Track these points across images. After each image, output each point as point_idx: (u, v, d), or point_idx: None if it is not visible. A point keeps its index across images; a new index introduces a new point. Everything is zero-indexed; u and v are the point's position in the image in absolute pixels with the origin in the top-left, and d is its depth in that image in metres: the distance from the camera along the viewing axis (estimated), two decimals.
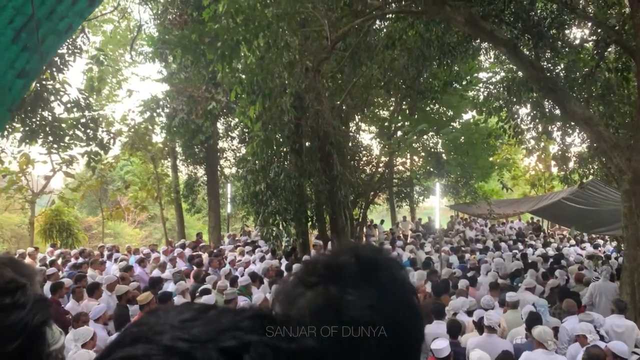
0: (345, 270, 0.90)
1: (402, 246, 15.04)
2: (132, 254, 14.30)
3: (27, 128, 11.51)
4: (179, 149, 20.11)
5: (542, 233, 21.49)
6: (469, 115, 17.50)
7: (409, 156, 19.97)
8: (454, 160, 13.94)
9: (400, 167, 20.61)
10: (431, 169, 14.58)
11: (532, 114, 13.24)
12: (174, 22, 14.92)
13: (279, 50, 10.93)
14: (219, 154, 20.58)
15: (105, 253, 14.38)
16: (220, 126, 19.41)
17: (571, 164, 13.59)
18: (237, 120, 16.29)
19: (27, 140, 11.53)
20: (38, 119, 11.59)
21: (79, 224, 22.10)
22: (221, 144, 20.65)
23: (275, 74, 11.41)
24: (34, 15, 3.18)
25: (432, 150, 15.64)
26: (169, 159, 21.59)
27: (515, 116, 13.18)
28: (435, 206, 14.47)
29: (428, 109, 16.71)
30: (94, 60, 13.42)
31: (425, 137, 16.77)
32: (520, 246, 16.65)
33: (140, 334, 0.52)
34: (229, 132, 19.88)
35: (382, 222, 21.03)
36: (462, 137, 13.76)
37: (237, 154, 20.10)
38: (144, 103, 17.45)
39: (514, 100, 12.28)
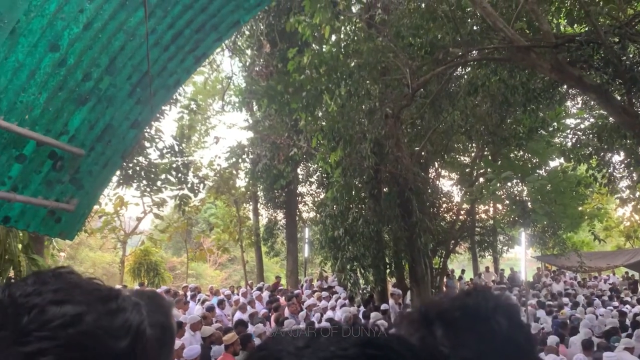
0: (447, 316, 0.91)
1: None
2: (214, 295, 14.69)
3: (123, 172, 12.41)
4: (260, 193, 20.73)
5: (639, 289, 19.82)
6: (556, 163, 16.82)
7: (491, 204, 19.34)
8: (541, 209, 13.35)
9: (483, 215, 19.95)
10: (516, 218, 14.05)
11: (625, 161, 12.52)
12: (260, 73, 15.74)
13: (360, 99, 11.21)
14: (298, 198, 20.98)
15: (189, 293, 14.85)
16: (299, 171, 19.89)
17: None
18: (316, 165, 16.66)
19: (124, 184, 12.39)
20: (134, 163, 12.49)
21: (164, 264, 23.11)
22: (300, 189, 21.08)
23: (355, 121, 11.66)
24: (149, 72, 3.54)
25: (517, 198, 15.08)
26: (250, 203, 22.28)
27: (608, 164, 12.52)
28: (521, 257, 13.87)
29: (512, 155, 16.25)
30: (187, 109, 14.35)
31: (509, 184, 16.25)
32: (615, 302, 15.42)
33: (262, 358, 0.60)
34: (309, 177, 20.29)
35: (463, 272, 20.32)
36: (549, 185, 13.21)
37: (316, 199, 20.40)
38: (230, 149, 18.32)
39: (605, 147, 11.70)
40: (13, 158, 3.69)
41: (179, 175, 12.45)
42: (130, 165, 12.46)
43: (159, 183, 12.54)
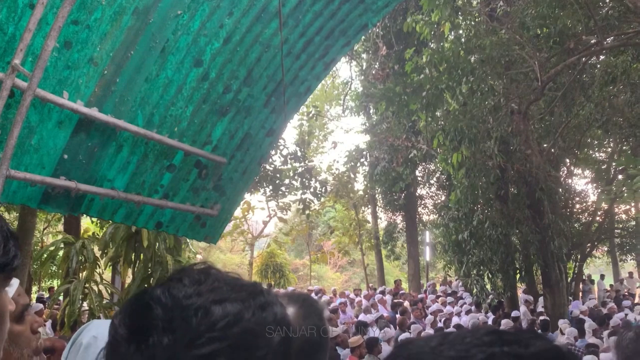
0: None
1: (630, 306, 13.11)
2: (337, 297, 14.90)
3: None
4: (378, 196, 20.69)
5: None
6: None
7: (633, 203, 17.58)
8: None
9: (623, 216, 18.21)
10: None
11: None
12: (376, 76, 15.75)
13: (483, 95, 10.78)
14: (417, 200, 20.62)
15: (313, 295, 15.19)
16: (418, 173, 19.54)
17: None
18: (437, 166, 16.29)
19: (252, 190, 13.06)
20: (261, 170, 13.14)
21: (289, 266, 23.92)
22: (420, 191, 20.70)
23: (479, 119, 11.20)
24: (283, 80, 3.68)
25: None
26: (369, 206, 22.34)
27: None
28: None
29: None
30: (307, 115, 14.78)
31: None
32: None
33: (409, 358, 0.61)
34: (429, 179, 19.88)
35: (602, 277, 18.65)
36: None
37: (436, 201, 19.92)
38: (348, 153, 18.55)
39: None
40: (164, 168, 4.02)
41: (303, 180, 12.87)
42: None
43: (283, 188, 13.06)
